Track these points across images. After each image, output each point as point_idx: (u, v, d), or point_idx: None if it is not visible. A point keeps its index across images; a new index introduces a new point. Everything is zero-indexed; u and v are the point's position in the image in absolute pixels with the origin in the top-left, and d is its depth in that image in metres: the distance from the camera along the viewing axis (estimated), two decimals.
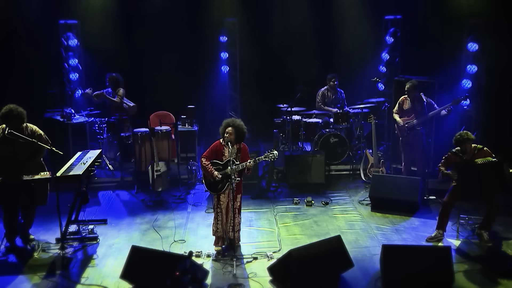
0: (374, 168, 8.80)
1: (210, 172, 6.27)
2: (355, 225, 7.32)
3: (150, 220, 7.47)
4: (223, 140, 6.34)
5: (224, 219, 6.45)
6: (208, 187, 6.43)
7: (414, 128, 8.11)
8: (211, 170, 6.27)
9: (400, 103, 8.30)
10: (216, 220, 6.48)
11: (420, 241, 6.73)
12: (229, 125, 6.30)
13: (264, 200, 8.29)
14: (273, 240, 6.84)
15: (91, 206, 7.73)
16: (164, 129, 8.94)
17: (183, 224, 7.33)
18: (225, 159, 6.34)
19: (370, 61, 10.54)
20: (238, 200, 6.42)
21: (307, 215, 7.69)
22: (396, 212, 7.58)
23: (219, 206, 6.44)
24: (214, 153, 6.35)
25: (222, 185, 6.34)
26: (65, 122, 8.89)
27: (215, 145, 6.36)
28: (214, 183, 6.36)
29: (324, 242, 5.98)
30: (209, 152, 6.35)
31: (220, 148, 6.35)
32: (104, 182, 8.85)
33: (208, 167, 6.28)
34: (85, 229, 6.87)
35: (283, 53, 10.55)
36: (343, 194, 8.58)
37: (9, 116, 6.21)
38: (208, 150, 6.38)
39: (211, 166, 6.30)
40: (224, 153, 6.34)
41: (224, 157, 6.35)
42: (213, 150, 6.35)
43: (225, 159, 6.33)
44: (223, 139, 6.33)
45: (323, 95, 9.81)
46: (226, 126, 6.31)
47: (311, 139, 9.58)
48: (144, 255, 5.71)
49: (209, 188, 6.44)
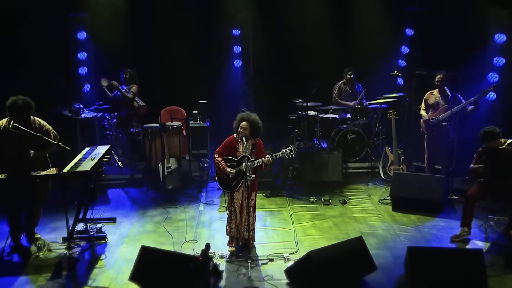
0: (394, 166, 8.54)
1: (223, 168, 6.03)
2: (376, 226, 7.04)
3: (160, 219, 7.28)
4: (237, 135, 6.09)
5: (238, 218, 6.21)
6: (221, 184, 6.19)
7: (440, 124, 7.78)
8: (223, 166, 6.03)
9: (426, 99, 8.02)
10: (230, 219, 6.25)
11: (446, 243, 6.44)
12: (243, 119, 6.06)
13: (279, 199, 8.08)
14: (290, 241, 6.60)
15: (99, 204, 7.55)
16: (175, 124, 8.80)
17: (195, 223, 7.14)
18: (239, 155, 6.10)
19: (388, 55, 10.21)
20: (253, 198, 6.20)
21: (324, 215, 7.44)
22: (419, 212, 7.30)
23: (233, 205, 6.21)
24: (228, 149, 6.11)
25: (236, 183, 6.10)
26: (73, 117, 8.78)
27: (228, 141, 6.13)
28: (228, 180, 6.12)
29: (345, 244, 5.68)
30: (222, 147, 6.12)
31: (234, 143, 6.11)
32: (113, 179, 8.68)
33: (220, 164, 6.03)
34: (93, 228, 6.72)
35: (298, 46, 10.31)
36: (362, 193, 8.32)
37: (13, 108, 5.98)
38: (221, 145, 6.15)
39: (223, 163, 6.06)
40: (238, 149, 6.11)
41: (238, 153, 6.11)
42: (226, 145, 6.11)
43: (239, 155, 6.10)
44: (237, 134, 6.10)
45: (339, 89, 9.56)
46: (241, 120, 6.07)
47: (328, 135, 9.33)
48: (154, 256, 5.48)
49: (222, 186, 6.19)
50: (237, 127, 6.07)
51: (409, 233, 6.76)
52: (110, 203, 7.89)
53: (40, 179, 6.09)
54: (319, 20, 10.12)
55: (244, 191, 6.05)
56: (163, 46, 10.05)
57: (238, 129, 6.06)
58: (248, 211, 6.04)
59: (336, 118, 9.39)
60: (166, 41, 9.99)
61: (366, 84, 9.72)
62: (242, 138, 6.02)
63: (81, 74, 9.80)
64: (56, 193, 6.38)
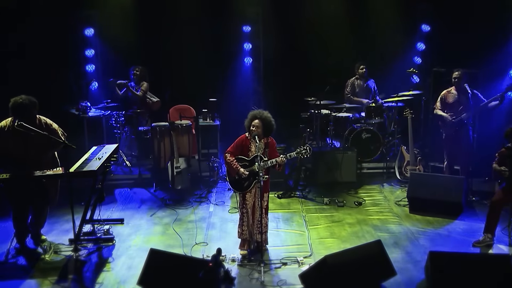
0: (411, 166, 8.36)
1: (236, 168, 5.85)
2: (393, 228, 6.83)
3: (169, 221, 7.14)
4: (249, 134, 5.92)
5: (250, 220, 6.05)
6: (233, 185, 6.01)
7: (463, 123, 7.54)
8: (236, 166, 5.85)
9: (443, 98, 7.78)
10: (242, 221, 6.08)
11: (468, 247, 6.21)
12: (255, 117, 5.89)
13: (291, 200, 7.91)
14: (303, 244, 6.42)
15: (107, 204, 7.43)
16: (185, 123, 8.63)
17: (205, 225, 6.99)
18: (251, 154, 5.94)
19: (404, 51, 10.08)
20: (266, 199, 6.04)
21: (339, 217, 7.26)
22: (437, 214, 7.08)
23: (245, 206, 6.04)
24: (239, 148, 5.95)
25: (249, 183, 5.93)
26: (81, 115, 8.65)
27: (240, 140, 5.97)
28: (240, 181, 5.94)
29: (363, 248, 5.47)
30: (234, 147, 5.96)
31: (246, 142, 5.95)
32: (121, 179, 8.58)
33: (233, 163, 5.86)
34: (100, 230, 6.59)
35: (310, 43, 10.13)
36: (377, 194, 8.12)
37: (17, 108, 5.83)
38: (233, 145, 5.99)
39: (236, 162, 5.86)
40: (251, 148, 5.94)
41: (250, 152, 5.95)
42: (238, 145, 5.95)
43: (252, 155, 5.93)
44: (249, 133, 5.93)
45: (352, 85, 9.40)
46: (253, 118, 5.90)
47: (341, 134, 9.17)
48: (164, 259, 5.32)
49: (233, 187, 6.03)
50: (249, 125, 5.91)
51: (428, 236, 6.55)
52: (118, 204, 7.77)
53: (46, 179, 5.96)
54: (333, 16, 9.96)
55: (257, 192, 5.88)
56: (172, 43, 9.94)
57: (250, 127, 5.90)
58: (260, 212, 5.87)
59: (350, 117, 9.21)
60: (175, 38, 9.88)
61: (381, 82, 9.56)
62: (254, 137, 5.85)
63: (88, 71, 9.72)
64: (62, 193, 6.30)
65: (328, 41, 10.02)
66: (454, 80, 7.63)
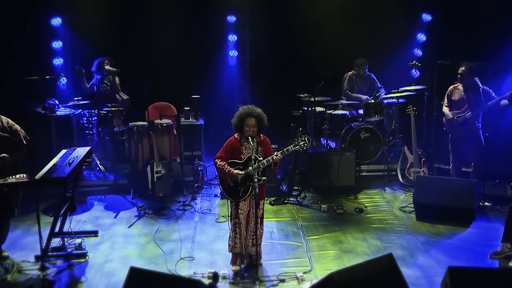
0: (414, 168, 8.19)
1: (229, 172, 5.56)
2: (400, 238, 6.58)
3: (150, 232, 6.85)
4: (240, 134, 5.65)
5: (244, 232, 5.74)
6: (229, 193, 5.72)
7: (468, 123, 7.32)
8: (229, 169, 5.58)
9: (449, 94, 7.61)
10: (234, 233, 5.77)
11: (484, 259, 5.98)
12: (250, 115, 5.60)
13: (285, 207, 7.68)
14: (302, 257, 6.15)
15: (78, 214, 7.19)
16: (165, 123, 8.47)
17: (190, 236, 6.71)
18: (244, 157, 5.65)
19: (403, 43, 9.92)
20: (261, 207, 5.76)
21: (339, 225, 7.02)
22: (448, 222, 6.86)
23: (238, 216, 5.73)
24: (230, 151, 5.69)
25: (245, 189, 5.64)
26: (47, 114, 8.42)
27: (229, 143, 5.71)
28: (235, 188, 5.65)
29: (373, 263, 5.10)
30: (224, 151, 5.69)
31: (236, 145, 5.68)
32: (94, 186, 8.35)
33: (224, 167, 5.61)
34: (71, 244, 6.33)
35: (303, 33, 9.93)
36: (379, 200, 7.91)
37: None
38: (222, 149, 5.72)
39: (228, 166, 5.61)
40: (242, 150, 5.67)
41: (242, 154, 5.67)
42: (227, 148, 5.69)
43: (245, 157, 5.64)
44: (238, 134, 5.66)
45: (350, 79, 9.28)
46: (246, 116, 5.60)
47: (337, 134, 8.97)
48: (146, 279, 4.87)
49: (229, 195, 5.73)
50: (240, 125, 5.62)
51: (439, 247, 6.31)
52: (91, 214, 7.48)
53: (7, 188, 5.59)
54: (327, 4, 9.81)
55: (251, 199, 5.60)
56: (149, 34, 9.74)
57: (242, 127, 5.60)
58: (256, 222, 5.60)
59: (347, 115, 9.03)
60: (153, 28, 9.68)
61: (378, 75, 9.41)
62: (248, 137, 5.55)
63: (55, 65, 9.54)
64: (27, 203, 6.14)
65: (323, 31, 9.82)
66: (458, 77, 7.42)
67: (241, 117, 5.60)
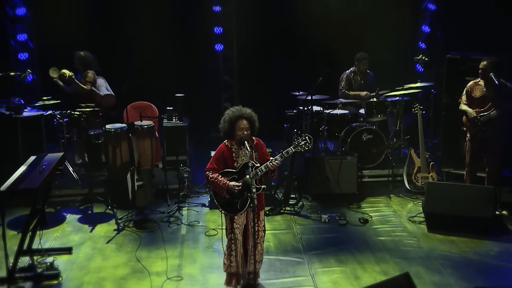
0: (422, 173, 8.05)
1: (223, 185, 5.35)
2: (412, 253, 6.42)
3: (131, 248, 6.67)
4: (231, 140, 5.45)
5: (240, 249, 5.52)
6: (225, 207, 5.48)
7: (492, 122, 7.16)
8: (223, 182, 5.36)
9: (469, 90, 7.39)
10: (230, 250, 5.54)
11: (508, 276, 5.86)
12: (242, 117, 5.40)
13: (281, 217, 7.52)
14: (304, 275, 5.98)
15: (49, 229, 7.04)
16: (146, 124, 8.42)
17: (177, 252, 6.55)
18: (238, 164, 5.44)
19: (406, 35, 9.98)
20: (262, 218, 5.58)
21: (343, 239, 6.87)
22: (463, 233, 6.72)
23: (234, 231, 5.50)
24: (222, 161, 5.48)
25: (243, 201, 5.41)
26: (13, 115, 8.29)
27: (220, 151, 5.51)
28: (232, 200, 5.42)
29: (389, 284, 4.87)
30: (215, 161, 5.48)
31: (228, 152, 5.48)
32: (67, 196, 8.15)
33: (217, 180, 5.38)
34: (42, 263, 6.16)
35: (297, 25, 9.90)
36: (385, 208, 7.76)
37: None
38: (212, 159, 5.52)
39: (222, 178, 5.40)
40: (236, 157, 5.46)
41: (236, 162, 5.46)
42: (218, 158, 5.48)
43: (239, 165, 5.43)
44: (229, 140, 5.47)
45: (348, 79, 9.15)
46: (238, 119, 5.39)
47: (336, 136, 8.82)
48: None
49: (226, 209, 5.50)
50: (231, 130, 5.42)
51: (456, 262, 6.14)
52: (64, 228, 7.28)
53: None
54: None
55: (249, 211, 5.40)
56: (127, 26, 9.62)
57: (235, 132, 5.41)
58: (256, 236, 5.43)
59: (347, 114, 8.88)
60: (131, 20, 9.60)
61: (379, 71, 9.35)
62: (244, 142, 5.35)
63: (21, 60, 9.54)
64: None
65: (320, 22, 9.75)
66: (480, 72, 7.24)
67: (232, 120, 5.40)
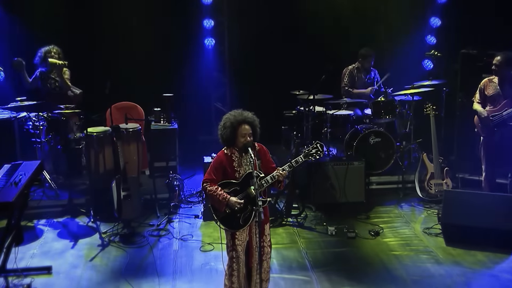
0: (436, 180, 7.95)
1: (223, 199, 5.12)
2: (430, 269, 6.26)
3: (118, 267, 6.48)
4: (231, 148, 5.24)
5: (242, 268, 5.31)
6: (225, 223, 5.25)
7: (506, 124, 7.06)
8: (223, 196, 5.13)
9: (482, 88, 7.34)
10: (231, 269, 5.32)
11: None
12: (244, 121, 5.20)
13: (283, 229, 7.39)
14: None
15: (25, 245, 6.83)
16: (132, 127, 8.26)
17: (170, 270, 6.36)
18: (240, 175, 5.23)
19: (413, 29, 9.85)
20: (268, 232, 5.37)
21: (353, 253, 6.74)
22: (485, 247, 6.58)
23: (235, 248, 5.27)
24: (221, 171, 5.27)
25: (247, 215, 5.19)
26: None
27: (218, 160, 5.30)
28: (234, 215, 5.19)
29: None
30: (213, 171, 5.27)
31: (228, 161, 5.26)
32: (44, 207, 7.94)
33: (216, 193, 5.16)
34: (17, 285, 6.02)
35: (296, 18, 9.84)
36: (396, 219, 7.64)
37: None
38: (210, 169, 5.30)
39: (221, 191, 5.17)
40: (236, 166, 5.25)
41: (237, 173, 5.25)
42: (217, 168, 5.27)
43: (241, 175, 5.22)
44: (229, 148, 5.26)
45: (351, 75, 9.12)
46: (240, 124, 5.19)
47: (340, 139, 8.77)
48: None
49: (227, 225, 5.26)
50: (231, 136, 5.21)
51: (481, 281, 6.01)
52: (42, 244, 7.06)
53: None
54: None
55: (253, 226, 5.21)
56: (109, 17, 9.51)
57: (237, 138, 5.20)
58: (261, 253, 5.21)
59: (351, 115, 8.81)
60: (114, 12, 9.49)
61: (384, 68, 9.25)
62: (247, 149, 5.13)
63: None
64: None
65: (322, 14, 9.71)
66: (493, 68, 7.19)
67: (234, 126, 5.19)
